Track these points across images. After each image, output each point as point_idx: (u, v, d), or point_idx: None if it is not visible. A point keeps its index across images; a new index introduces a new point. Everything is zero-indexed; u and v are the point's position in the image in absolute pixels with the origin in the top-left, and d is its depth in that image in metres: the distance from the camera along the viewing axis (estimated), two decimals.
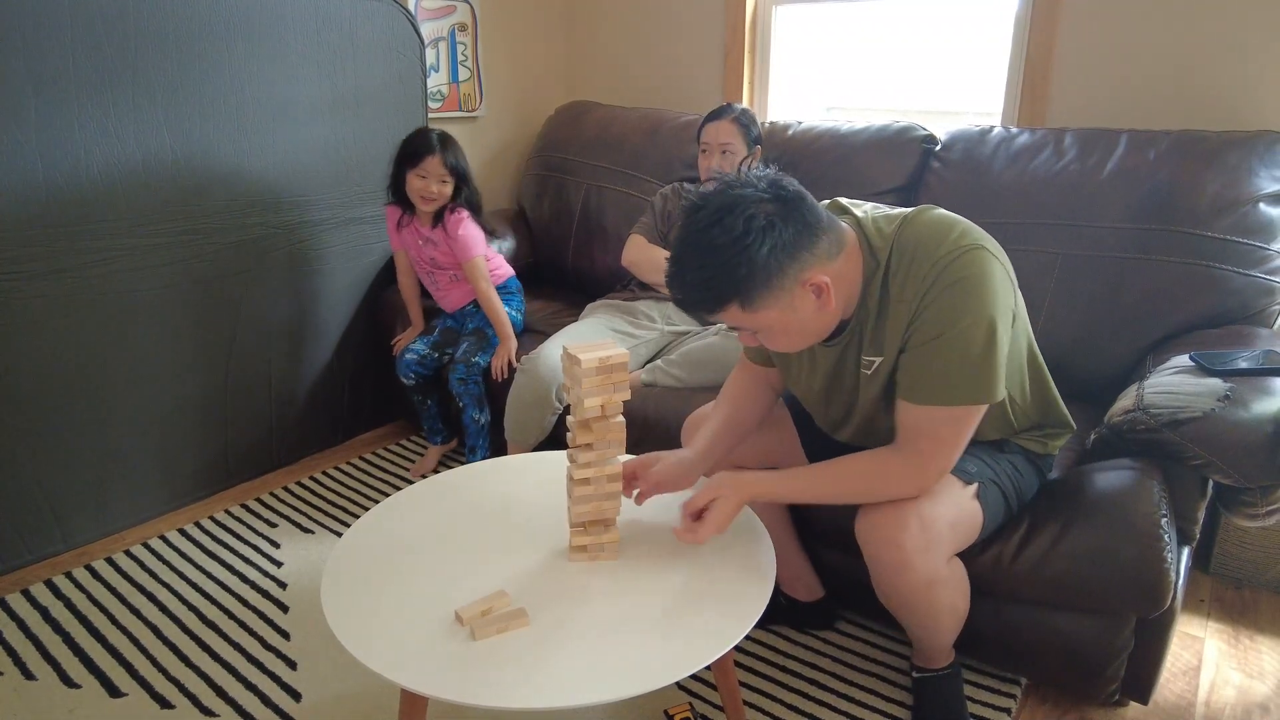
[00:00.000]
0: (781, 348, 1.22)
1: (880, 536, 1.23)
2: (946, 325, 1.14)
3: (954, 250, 1.14)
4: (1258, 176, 1.73)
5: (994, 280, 1.14)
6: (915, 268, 1.16)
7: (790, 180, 1.15)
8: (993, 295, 1.14)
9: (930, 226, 1.19)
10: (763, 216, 1.09)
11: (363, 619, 1.13)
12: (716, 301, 1.13)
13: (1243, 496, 1.34)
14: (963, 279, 1.13)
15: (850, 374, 1.29)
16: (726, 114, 2.13)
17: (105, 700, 1.54)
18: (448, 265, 2.28)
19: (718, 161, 2.12)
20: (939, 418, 1.18)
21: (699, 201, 1.13)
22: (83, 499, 2.01)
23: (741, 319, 1.15)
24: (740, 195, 1.11)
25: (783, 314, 1.15)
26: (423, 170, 2.14)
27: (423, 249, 2.28)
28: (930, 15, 2.44)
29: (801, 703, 1.54)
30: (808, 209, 1.13)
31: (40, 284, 1.84)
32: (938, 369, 1.15)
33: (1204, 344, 1.61)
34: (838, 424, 1.40)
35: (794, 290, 1.13)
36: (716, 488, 1.23)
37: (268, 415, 2.36)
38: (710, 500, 1.23)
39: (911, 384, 1.19)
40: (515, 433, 2.06)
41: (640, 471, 1.35)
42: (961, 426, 1.19)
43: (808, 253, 1.12)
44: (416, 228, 2.26)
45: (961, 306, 1.13)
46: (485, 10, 2.80)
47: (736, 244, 1.08)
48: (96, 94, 1.85)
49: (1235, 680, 1.62)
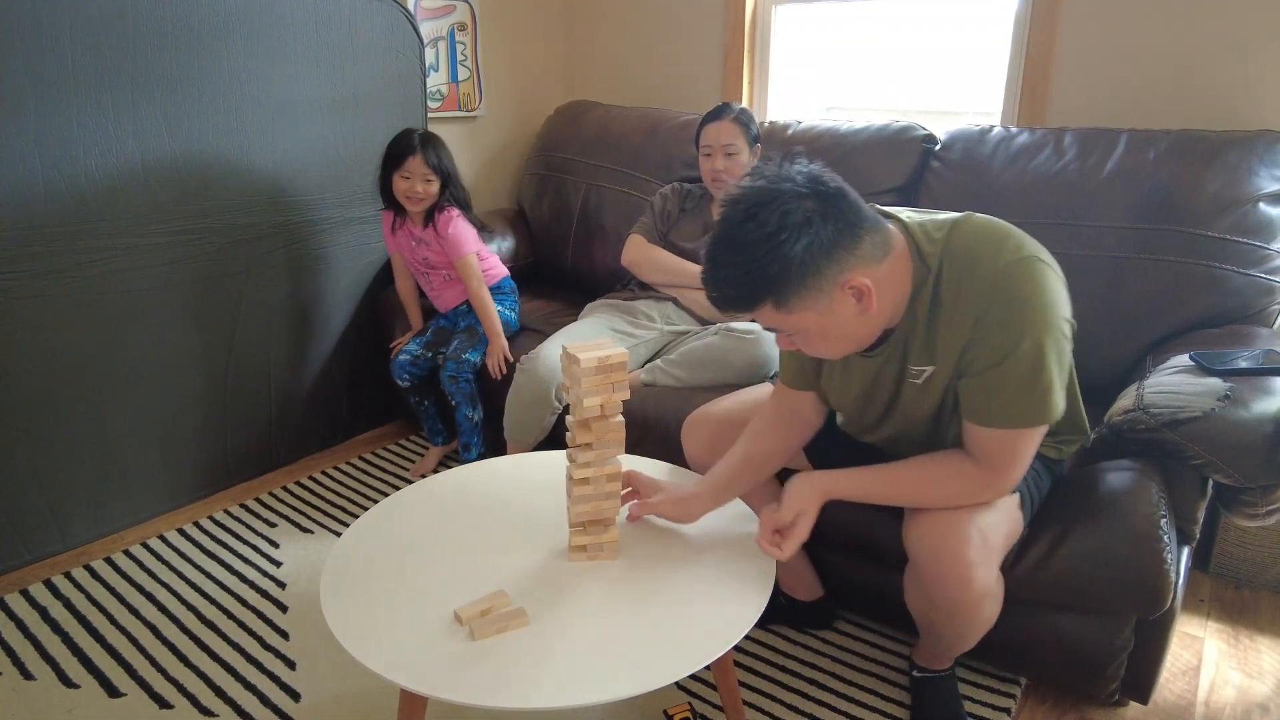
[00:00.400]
0: (820, 353, 1.18)
1: (946, 549, 1.19)
2: (1011, 348, 1.10)
3: (1013, 262, 1.11)
4: (1258, 176, 1.73)
5: (1054, 294, 1.11)
6: (972, 278, 1.12)
7: (832, 175, 1.10)
8: (1054, 311, 1.11)
9: (984, 233, 1.15)
10: (800, 213, 1.05)
11: (362, 619, 1.12)
12: (750, 300, 1.09)
13: (1242, 496, 1.34)
14: (1024, 298, 1.09)
15: (890, 383, 1.26)
16: (726, 114, 2.11)
17: (104, 700, 1.54)
18: (441, 265, 2.28)
19: (722, 163, 2.10)
20: (1012, 437, 1.16)
21: (735, 195, 1.09)
22: (82, 499, 2.01)
23: (777, 319, 1.12)
24: (777, 190, 1.06)
25: (820, 317, 1.10)
26: (406, 171, 2.15)
27: (416, 250, 2.28)
28: (930, 15, 2.44)
29: (801, 702, 1.54)
30: (849, 207, 1.08)
31: (39, 283, 1.84)
32: (1007, 393, 1.13)
33: (1204, 343, 1.61)
34: (869, 428, 1.37)
35: (832, 292, 1.08)
36: (800, 501, 1.21)
37: (267, 415, 2.36)
38: (795, 515, 1.21)
39: (981, 409, 1.16)
40: (515, 432, 2.06)
41: (642, 492, 1.34)
42: (1033, 443, 1.17)
43: (847, 253, 1.08)
44: (409, 229, 2.26)
45: (1024, 327, 1.10)
46: (485, 10, 2.80)
47: (770, 240, 1.04)
48: (95, 94, 1.85)
49: (1235, 680, 1.62)
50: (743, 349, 1.90)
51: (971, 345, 1.14)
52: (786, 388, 1.40)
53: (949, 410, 1.24)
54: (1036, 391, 1.12)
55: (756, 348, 1.91)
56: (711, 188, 2.17)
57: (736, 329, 1.94)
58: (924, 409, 1.25)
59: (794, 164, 1.10)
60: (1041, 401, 1.13)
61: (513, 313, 2.37)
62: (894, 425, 1.32)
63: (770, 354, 1.92)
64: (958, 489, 1.21)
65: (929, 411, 1.25)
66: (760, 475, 1.38)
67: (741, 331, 1.92)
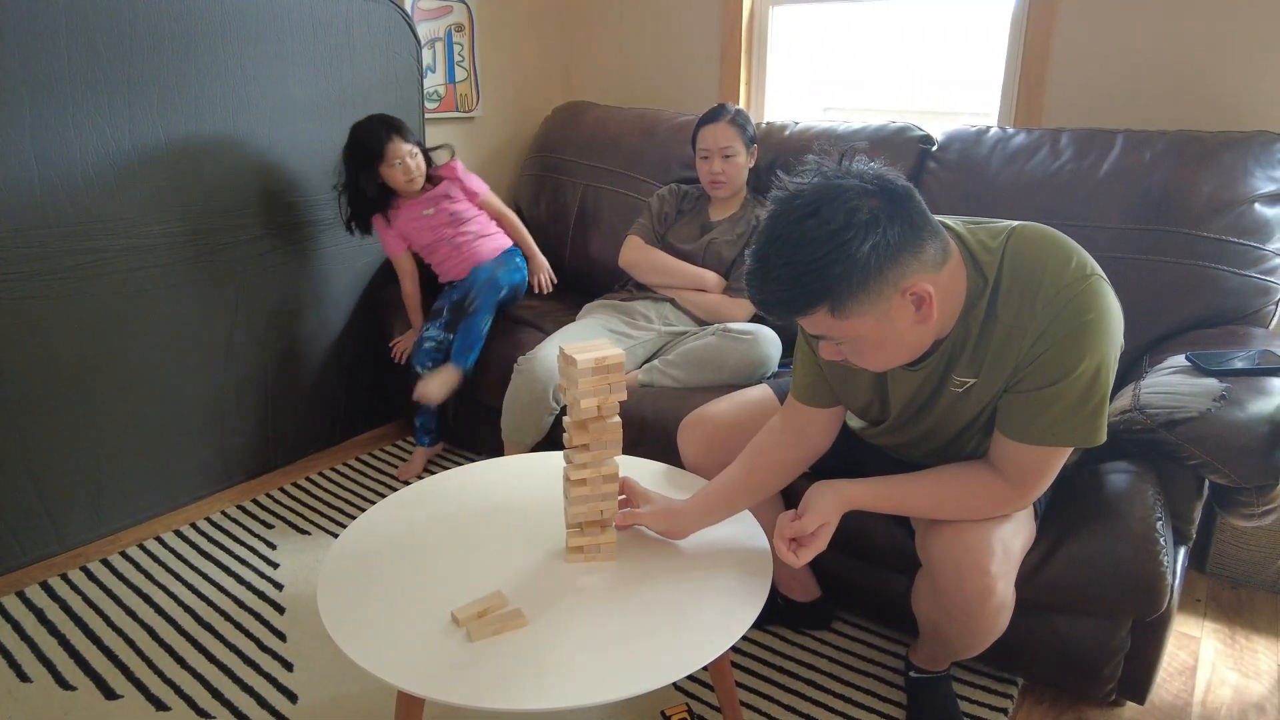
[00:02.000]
0: (869, 364, 1.11)
1: (969, 562, 1.17)
2: (1070, 369, 1.07)
3: (1079, 279, 1.06)
4: (1253, 177, 1.73)
5: (1117, 319, 1.08)
6: (1034, 296, 1.07)
7: (898, 175, 1.03)
8: (1116, 336, 1.08)
9: (1045, 247, 1.09)
10: (866, 211, 0.98)
11: (359, 620, 1.12)
12: (804, 303, 1.01)
13: (1239, 496, 1.34)
14: (1087, 322, 1.05)
15: (929, 392, 1.21)
16: (722, 116, 2.11)
17: (101, 702, 1.54)
18: (470, 215, 2.32)
19: (719, 166, 2.10)
20: (1047, 455, 1.14)
21: (793, 191, 1.01)
22: (78, 500, 2.00)
23: (830, 326, 1.04)
24: (842, 185, 0.99)
25: (877, 323, 1.03)
26: (390, 160, 2.15)
27: (433, 219, 2.27)
28: (927, 16, 2.44)
29: (798, 703, 1.54)
30: (915, 209, 1.02)
31: (36, 284, 1.83)
32: (1054, 412, 1.09)
33: (1200, 344, 1.61)
34: (889, 431, 1.33)
35: (892, 298, 1.02)
36: (824, 512, 1.18)
37: (264, 416, 2.35)
38: (818, 525, 1.18)
39: (1022, 425, 1.12)
40: (512, 433, 2.06)
41: (633, 501, 1.32)
42: (1061, 462, 1.15)
43: (911, 257, 1.01)
44: (413, 207, 2.25)
45: (1085, 349, 1.06)
46: (482, 11, 2.80)
47: (834, 238, 0.97)
48: (92, 94, 1.85)
49: (1231, 680, 1.62)
50: (740, 349, 1.91)
51: (1027, 362, 1.10)
52: (799, 404, 1.34)
53: (980, 423, 1.21)
54: (1086, 411, 1.09)
55: (754, 348, 1.91)
56: (709, 190, 2.17)
57: (734, 329, 1.94)
58: (958, 420, 1.22)
59: (855, 161, 1.04)
60: (1088, 421, 1.10)
61: (521, 274, 2.41)
62: (918, 429, 1.29)
63: (768, 354, 1.92)
64: (980, 503, 1.19)
65: (960, 424, 1.22)
66: (761, 494, 1.34)
67: (739, 332, 1.93)
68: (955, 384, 1.17)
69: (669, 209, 2.25)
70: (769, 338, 1.94)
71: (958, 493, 1.19)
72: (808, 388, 1.32)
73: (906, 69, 2.52)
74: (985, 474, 1.19)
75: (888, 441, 1.37)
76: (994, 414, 1.18)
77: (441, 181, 2.28)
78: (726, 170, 2.10)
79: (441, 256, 2.34)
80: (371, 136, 2.14)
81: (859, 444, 1.45)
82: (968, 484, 1.19)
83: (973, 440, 1.25)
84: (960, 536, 1.18)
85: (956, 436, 1.26)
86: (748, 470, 1.33)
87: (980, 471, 1.19)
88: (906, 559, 1.48)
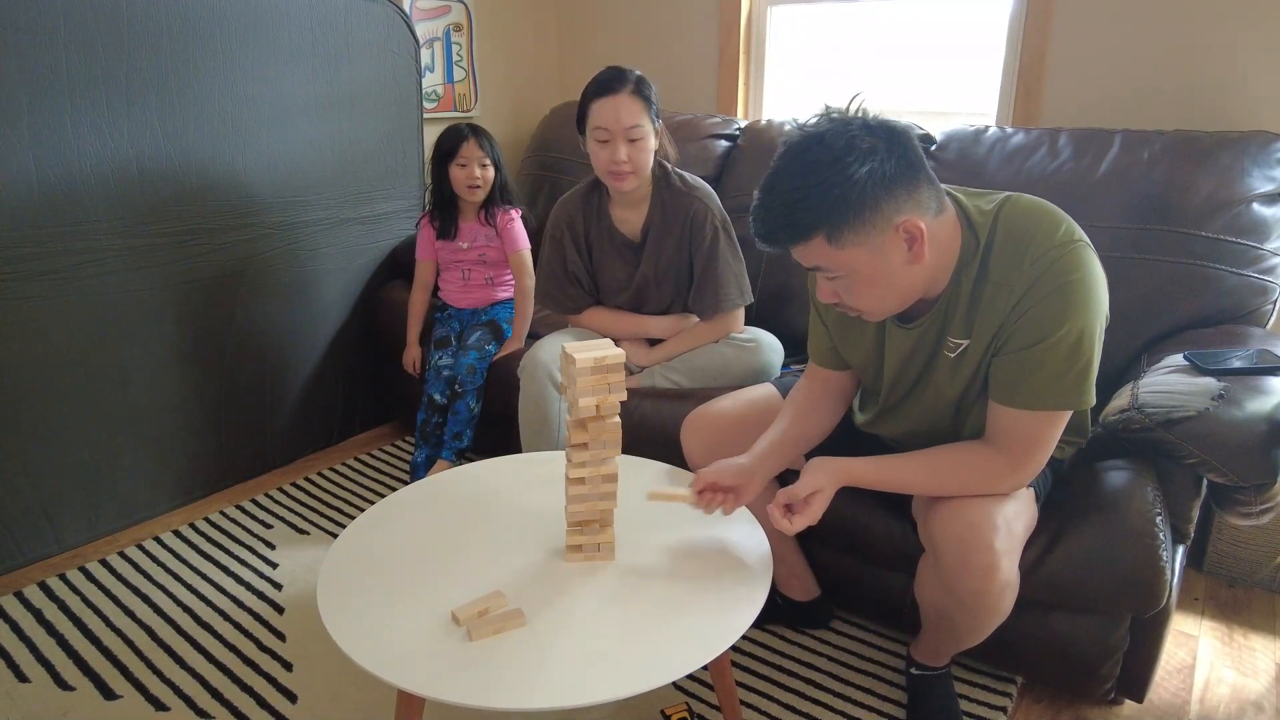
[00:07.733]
0: (862, 303, 1.17)
1: (973, 538, 1.18)
2: (1051, 329, 1.11)
3: (1066, 243, 1.12)
4: (1251, 177, 1.73)
5: (1101, 283, 1.13)
6: (1023, 255, 1.12)
7: (899, 120, 1.11)
8: (1100, 299, 1.12)
9: (1037, 212, 1.16)
10: (866, 141, 1.06)
11: (359, 620, 1.12)
12: (804, 227, 1.08)
13: (1237, 495, 1.35)
14: (1071, 282, 1.10)
15: (924, 355, 1.26)
16: (622, 85, 1.64)
17: (100, 703, 1.54)
18: (496, 262, 2.34)
19: (624, 153, 1.67)
20: (1037, 420, 1.16)
21: (799, 132, 1.10)
22: (76, 500, 2.00)
23: (827, 256, 1.11)
24: (846, 121, 1.09)
25: (871, 256, 1.10)
26: (462, 158, 2.22)
27: (466, 253, 2.32)
28: (925, 16, 2.44)
29: (798, 702, 1.54)
30: (913, 151, 1.10)
31: (33, 284, 1.83)
32: (1040, 375, 1.13)
33: (1198, 343, 1.62)
34: (890, 411, 1.37)
35: (886, 230, 1.08)
36: (818, 479, 1.21)
37: (262, 416, 2.35)
38: (811, 493, 1.21)
39: (1010, 389, 1.16)
40: (532, 439, 1.92)
41: (721, 482, 1.30)
42: (1057, 429, 1.18)
43: (905, 193, 1.08)
44: (460, 233, 2.30)
45: (1068, 310, 1.10)
46: (480, 10, 2.80)
47: (835, 162, 1.05)
48: (89, 94, 1.85)
49: (1229, 678, 1.62)
50: (744, 357, 1.89)
51: (1011, 321, 1.14)
52: (819, 368, 1.43)
53: (974, 395, 1.25)
54: (1071, 375, 1.12)
55: (757, 356, 1.89)
56: (611, 183, 1.76)
57: (737, 338, 1.92)
58: (953, 388, 1.25)
59: (859, 110, 1.12)
60: (1074, 386, 1.13)
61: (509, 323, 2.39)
62: (918, 407, 1.32)
63: (770, 361, 1.92)
64: (976, 476, 1.21)
65: (957, 392, 1.25)
66: (798, 451, 1.39)
67: (742, 340, 1.91)
68: (949, 347, 1.22)
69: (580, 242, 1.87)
70: (771, 345, 1.92)
71: (954, 467, 1.22)
72: (824, 353, 1.42)
73: (905, 69, 2.52)
74: (982, 448, 1.22)
75: (893, 431, 1.39)
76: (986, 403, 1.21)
77: (496, 220, 2.30)
78: (633, 157, 1.67)
79: (450, 280, 2.38)
80: (453, 133, 2.23)
81: (861, 438, 1.47)
82: (964, 459, 1.22)
83: (970, 425, 1.28)
84: (964, 513, 1.20)
85: (954, 421, 1.28)
86: (788, 429, 1.38)
87: (977, 446, 1.22)
88: (906, 558, 1.48)
